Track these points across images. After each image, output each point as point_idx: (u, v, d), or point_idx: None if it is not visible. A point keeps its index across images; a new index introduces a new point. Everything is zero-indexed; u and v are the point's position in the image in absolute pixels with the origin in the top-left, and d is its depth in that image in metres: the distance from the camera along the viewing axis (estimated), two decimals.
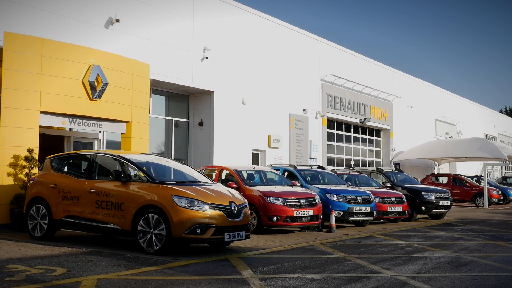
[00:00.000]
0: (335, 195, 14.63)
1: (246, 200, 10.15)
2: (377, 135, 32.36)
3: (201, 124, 19.92)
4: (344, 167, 25.78)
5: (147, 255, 8.89)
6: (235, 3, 21.00)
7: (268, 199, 12.78)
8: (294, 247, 10.80)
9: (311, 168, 17.36)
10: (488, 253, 10.42)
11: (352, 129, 29.71)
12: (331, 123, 27.41)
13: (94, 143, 16.63)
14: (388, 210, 16.14)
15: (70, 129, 15.72)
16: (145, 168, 9.95)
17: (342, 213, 14.46)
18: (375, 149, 32.13)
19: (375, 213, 15.20)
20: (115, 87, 14.29)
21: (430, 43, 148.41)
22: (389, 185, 18.28)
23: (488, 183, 27.41)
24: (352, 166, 27.12)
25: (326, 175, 16.63)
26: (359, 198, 14.92)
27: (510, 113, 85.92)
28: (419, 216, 18.89)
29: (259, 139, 21.66)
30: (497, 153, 30.19)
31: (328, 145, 26.76)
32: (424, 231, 14.73)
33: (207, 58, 19.13)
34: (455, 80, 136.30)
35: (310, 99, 25.08)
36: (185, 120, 20.27)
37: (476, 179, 29.89)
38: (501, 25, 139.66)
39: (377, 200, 15.80)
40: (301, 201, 13.05)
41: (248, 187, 13.33)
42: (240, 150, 20.63)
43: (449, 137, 38.67)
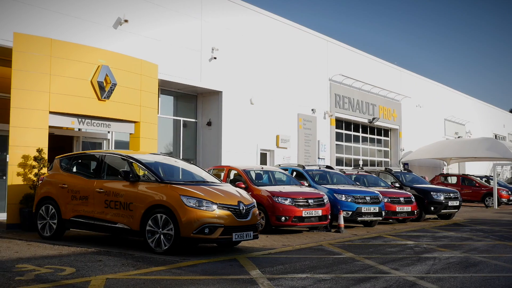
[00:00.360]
0: (343, 195, 14.59)
1: (254, 200, 10.14)
2: (386, 135, 32.25)
3: (209, 124, 19.94)
4: (352, 167, 25.74)
5: (156, 255, 8.91)
6: (243, 3, 21.01)
7: (276, 199, 12.77)
8: (302, 247, 10.78)
9: (320, 168, 17.34)
10: (497, 253, 10.35)
11: (360, 129, 29.63)
12: (340, 123, 27.35)
13: (102, 143, 16.71)
14: (397, 210, 16.10)
15: (79, 129, 15.81)
16: (153, 168, 9.97)
17: (350, 213, 14.41)
18: (383, 149, 32.03)
19: (383, 213, 15.15)
20: (123, 87, 14.33)
21: (438, 43, 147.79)
22: (397, 185, 18.21)
23: (497, 183, 27.23)
24: (360, 166, 27.04)
25: (334, 175, 16.60)
26: (367, 198, 14.87)
27: None
28: (428, 216, 18.82)
29: (267, 139, 21.65)
30: (506, 153, 30.02)
31: (336, 145, 26.72)
32: (433, 231, 14.66)
33: (215, 58, 19.15)
34: (464, 79, 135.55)
35: (318, 99, 25.04)
36: (194, 120, 20.31)
37: (485, 179, 29.69)
38: (510, 24, 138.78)
39: (386, 200, 15.75)
40: (310, 201, 13.03)
41: (256, 187, 13.33)
42: (248, 150, 20.64)
43: (458, 137, 38.46)
